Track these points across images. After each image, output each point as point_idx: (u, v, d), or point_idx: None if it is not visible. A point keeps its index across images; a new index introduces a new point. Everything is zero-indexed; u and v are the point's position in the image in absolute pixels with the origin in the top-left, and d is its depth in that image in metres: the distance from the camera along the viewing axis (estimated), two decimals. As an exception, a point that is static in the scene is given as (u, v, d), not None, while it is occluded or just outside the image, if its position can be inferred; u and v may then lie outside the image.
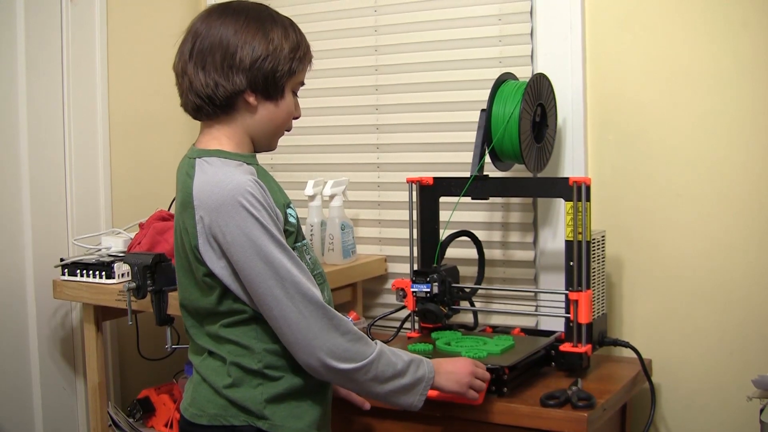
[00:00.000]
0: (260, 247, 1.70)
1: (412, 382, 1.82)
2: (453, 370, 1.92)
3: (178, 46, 1.86)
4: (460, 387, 1.92)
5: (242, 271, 1.72)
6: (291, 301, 1.71)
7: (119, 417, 2.71)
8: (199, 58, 1.79)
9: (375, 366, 1.76)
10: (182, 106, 1.88)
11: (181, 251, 1.82)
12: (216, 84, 1.78)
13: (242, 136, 1.85)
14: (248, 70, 1.77)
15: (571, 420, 1.99)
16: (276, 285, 1.71)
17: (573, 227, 2.24)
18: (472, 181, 2.38)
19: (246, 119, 1.83)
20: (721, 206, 2.43)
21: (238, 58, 1.77)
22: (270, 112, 1.84)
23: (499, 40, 2.68)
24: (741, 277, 2.41)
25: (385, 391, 1.80)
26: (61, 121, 2.78)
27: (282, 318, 1.72)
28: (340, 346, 1.73)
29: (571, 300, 2.25)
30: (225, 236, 1.71)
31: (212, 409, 1.80)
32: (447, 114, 2.77)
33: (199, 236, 1.74)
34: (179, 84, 1.85)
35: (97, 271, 2.54)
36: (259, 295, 1.73)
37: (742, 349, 2.42)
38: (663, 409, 2.53)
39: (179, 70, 1.84)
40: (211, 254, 1.74)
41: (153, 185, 3.06)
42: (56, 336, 2.77)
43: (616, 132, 2.55)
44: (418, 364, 1.85)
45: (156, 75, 3.11)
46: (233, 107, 1.81)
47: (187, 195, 1.77)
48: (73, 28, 2.79)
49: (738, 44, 2.38)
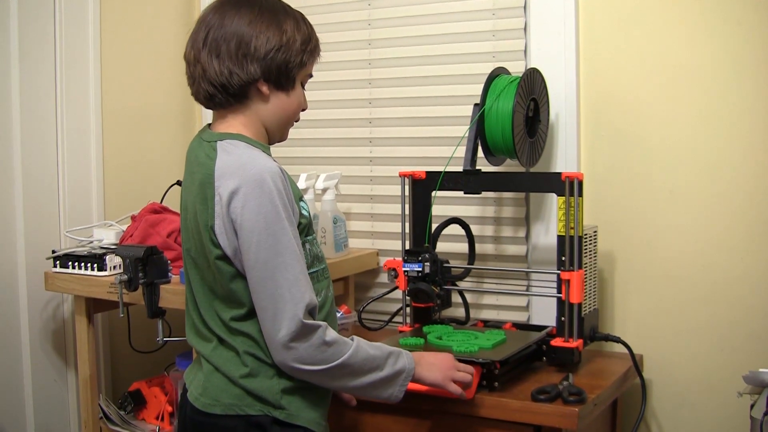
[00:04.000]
0: (272, 234, 1.72)
1: (390, 375, 1.84)
2: (434, 362, 1.94)
3: (189, 36, 1.86)
4: (442, 379, 1.92)
5: (246, 252, 1.73)
6: (278, 302, 1.72)
7: (110, 409, 2.72)
8: (213, 47, 1.80)
9: (348, 364, 1.77)
10: (193, 94, 1.88)
11: (194, 233, 1.82)
12: (230, 72, 1.79)
13: (257, 125, 1.87)
14: (262, 60, 1.80)
15: (562, 415, 1.99)
16: (270, 277, 1.72)
17: (565, 222, 2.24)
18: (465, 175, 2.38)
19: (259, 108, 1.85)
20: (713, 203, 2.43)
21: (252, 47, 1.79)
22: (282, 101, 1.87)
23: (492, 35, 2.68)
24: (733, 274, 2.42)
25: (363, 384, 1.82)
26: (53, 114, 2.77)
27: (264, 313, 1.74)
28: (309, 357, 1.74)
29: (563, 279, 2.25)
30: (242, 215, 1.71)
31: (227, 398, 1.80)
32: (440, 108, 2.77)
33: (216, 217, 1.74)
34: (190, 72, 1.85)
35: (88, 263, 2.53)
36: (252, 279, 1.74)
37: (734, 345, 2.42)
38: (654, 405, 2.53)
39: (191, 59, 1.84)
40: (225, 236, 1.74)
41: (145, 178, 3.06)
42: (48, 328, 2.77)
43: (608, 128, 2.55)
44: (397, 356, 1.86)
45: (149, 68, 3.11)
46: (246, 96, 1.83)
47: (207, 176, 1.77)
48: (66, 20, 2.78)
49: (733, 42, 2.38)
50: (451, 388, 1.94)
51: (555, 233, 2.31)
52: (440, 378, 1.92)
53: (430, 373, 1.91)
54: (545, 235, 2.62)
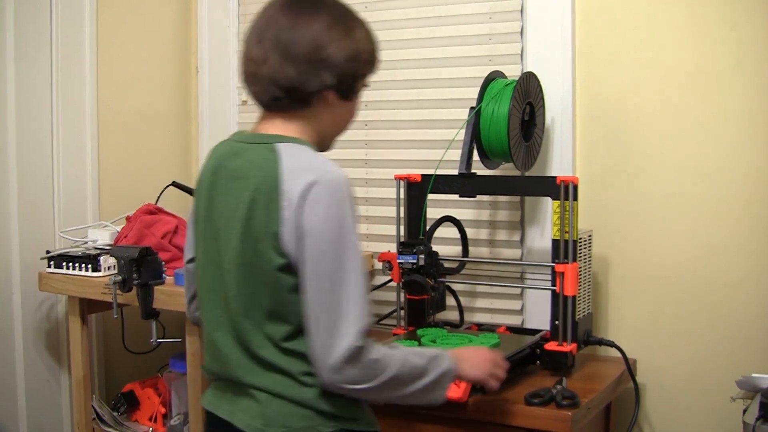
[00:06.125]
0: (342, 244, 1.62)
1: (435, 379, 1.76)
2: (474, 358, 1.89)
3: (252, 31, 1.76)
4: (482, 374, 1.88)
5: (309, 260, 1.62)
6: (336, 319, 1.61)
7: (103, 410, 2.71)
8: (286, 50, 1.70)
9: (397, 377, 1.68)
10: (252, 94, 1.77)
11: (242, 243, 1.68)
12: (302, 78, 1.70)
13: (312, 132, 1.78)
14: (336, 69, 1.72)
15: (555, 419, 1.99)
16: (332, 291, 1.62)
17: (560, 226, 2.24)
18: (461, 178, 2.38)
19: (319, 115, 1.77)
20: (708, 207, 2.44)
21: (328, 55, 1.70)
22: (343, 111, 1.81)
23: (489, 38, 2.69)
24: (727, 279, 2.42)
25: (410, 392, 1.73)
26: (49, 113, 2.77)
27: (317, 328, 1.63)
28: (360, 377, 1.64)
29: (558, 272, 2.25)
30: (313, 220, 1.61)
31: (299, 422, 1.68)
32: (436, 111, 2.78)
33: (284, 223, 1.62)
34: (252, 71, 1.74)
35: (83, 264, 2.53)
36: (311, 291, 1.63)
37: (727, 350, 2.42)
38: (647, 409, 2.53)
39: (258, 57, 1.72)
40: (293, 243, 1.62)
41: (141, 178, 3.05)
42: (41, 328, 2.76)
43: (604, 132, 2.56)
44: (439, 358, 1.78)
45: (145, 69, 3.11)
46: (310, 103, 1.74)
47: (271, 179, 1.64)
48: (62, 20, 2.78)
49: (728, 46, 2.39)
50: (491, 384, 1.91)
51: (550, 237, 2.31)
52: (481, 374, 1.89)
53: (471, 370, 1.87)
54: (540, 238, 2.62)
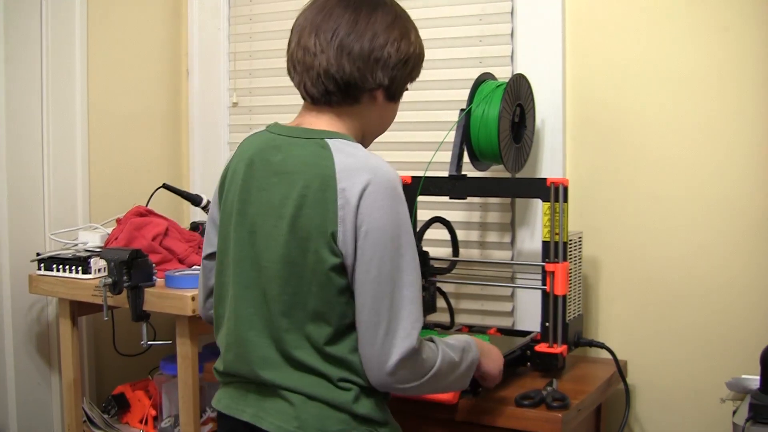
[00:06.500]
0: (402, 244, 1.61)
1: (466, 369, 1.76)
2: (492, 351, 1.91)
3: (305, 21, 1.73)
4: (498, 371, 1.90)
5: (368, 261, 1.60)
6: (392, 320, 1.60)
7: (94, 413, 2.71)
8: (344, 44, 1.67)
9: (439, 372, 1.68)
10: (300, 84, 1.73)
11: (288, 242, 1.64)
12: (359, 75, 1.69)
13: (357, 130, 1.77)
14: (391, 69, 1.72)
15: (546, 420, 1.99)
16: (390, 293, 1.60)
17: (550, 228, 2.25)
18: (451, 180, 2.38)
19: (366, 113, 1.76)
20: (698, 209, 2.44)
21: (386, 54, 1.70)
22: (387, 111, 1.81)
23: (479, 40, 2.69)
24: (717, 280, 2.42)
25: (446, 384, 1.74)
26: (39, 116, 2.77)
27: (373, 331, 1.61)
28: (411, 375, 1.64)
29: (548, 271, 2.25)
30: (372, 220, 1.59)
31: (334, 425, 1.65)
32: (426, 113, 2.77)
33: (340, 222, 1.60)
34: (305, 61, 1.70)
35: (73, 266, 2.53)
36: (367, 293, 1.61)
37: (717, 351, 2.43)
38: (637, 411, 2.54)
39: (312, 48, 1.69)
40: (351, 243, 1.60)
41: (131, 181, 3.05)
42: (32, 331, 2.76)
43: (594, 134, 2.56)
44: (467, 347, 1.78)
45: (136, 70, 3.11)
46: (359, 100, 1.73)
47: (325, 177, 1.61)
48: (52, 22, 2.78)
49: (718, 48, 2.39)
50: (496, 382, 1.93)
51: (540, 238, 2.31)
52: (496, 371, 1.90)
53: (489, 365, 1.87)
54: (530, 240, 2.63)
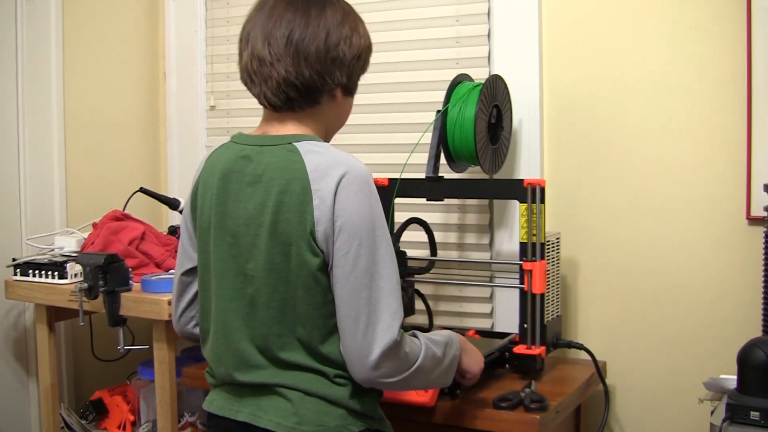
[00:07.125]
0: (376, 237, 1.61)
1: (448, 365, 1.76)
2: (473, 351, 1.90)
3: (258, 31, 1.69)
4: (478, 370, 1.89)
5: (344, 256, 1.59)
6: (372, 313, 1.59)
7: (72, 418, 2.70)
8: (300, 48, 1.65)
9: (422, 367, 1.67)
10: (259, 95, 1.71)
11: (272, 248, 1.63)
12: (318, 78, 1.67)
13: (321, 130, 1.76)
14: (347, 66, 1.71)
15: (524, 422, 1.99)
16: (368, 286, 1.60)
17: (527, 229, 2.25)
18: (428, 182, 2.38)
19: (327, 113, 1.75)
20: (677, 209, 2.44)
21: (341, 52, 1.68)
22: (345, 106, 1.80)
23: (456, 42, 2.69)
24: (695, 281, 2.43)
25: (429, 380, 1.74)
26: (15, 119, 2.75)
27: (354, 325, 1.60)
28: (394, 370, 1.62)
29: (525, 270, 2.25)
30: (347, 215, 1.59)
31: (332, 420, 1.65)
32: (403, 115, 2.77)
33: (318, 222, 1.59)
34: (261, 72, 1.68)
35: (49, 272, 2.51)
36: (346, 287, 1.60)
37: (695, 351, 2.43)
38: (617, 411, 2.54)
39: (267, 57, 1.67)
40: (330, 242, 1.60)
41: (108, 185, 3.04)
42: (8, 337, 2.74)
43: (572, 134, 2.56)
44: (449, 342, 1.78)
45: (113, 74, 3.09)
46: (320, 101, 1.71)
47: (299, 180, 1.61)
48: (28, 25, 2.76)
49: (693, 47, 2.40)
50: (475, 381, 1.92)
51: (518, 240, 2.31)
52: (477, 369, 1.89)
53: (470, 362, 1.86)
54: (509, 242, 2.62)
